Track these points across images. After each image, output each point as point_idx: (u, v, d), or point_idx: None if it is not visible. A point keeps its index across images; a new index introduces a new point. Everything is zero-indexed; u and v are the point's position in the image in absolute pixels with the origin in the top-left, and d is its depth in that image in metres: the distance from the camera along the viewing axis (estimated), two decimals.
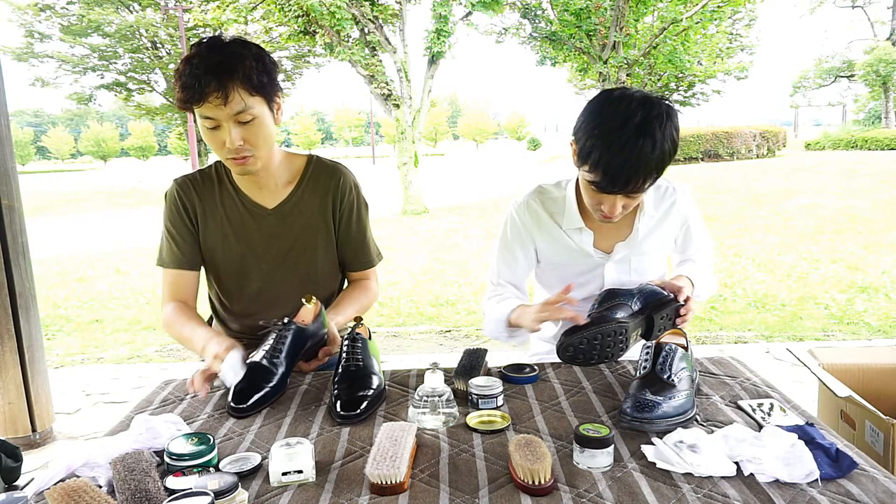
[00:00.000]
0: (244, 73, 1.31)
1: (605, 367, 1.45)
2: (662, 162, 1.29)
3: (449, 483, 0.96)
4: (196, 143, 22.62)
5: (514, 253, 1.61)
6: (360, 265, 1.65)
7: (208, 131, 1.36)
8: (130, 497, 0.86)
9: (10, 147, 2.70)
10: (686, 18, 13.48)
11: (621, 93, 1.33)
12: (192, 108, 1.34)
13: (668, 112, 1.29)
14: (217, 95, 1.29)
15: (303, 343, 1.36)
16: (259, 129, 1.37)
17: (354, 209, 1.61)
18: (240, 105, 1.32)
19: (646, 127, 1.26)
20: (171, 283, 1.55)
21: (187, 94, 1.31)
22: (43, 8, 22.52)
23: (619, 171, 1.28)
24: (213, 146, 1.39)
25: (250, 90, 1.33)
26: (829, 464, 0.96)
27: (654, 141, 1.26)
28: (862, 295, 4.99)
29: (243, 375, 1.28)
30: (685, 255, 1.68)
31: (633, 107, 1.28)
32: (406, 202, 12.07)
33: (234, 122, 1.33)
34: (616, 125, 1.27)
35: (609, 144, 1.27)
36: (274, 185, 1.54)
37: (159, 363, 4.20)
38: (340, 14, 10.82)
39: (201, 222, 1.54)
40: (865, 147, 21.67)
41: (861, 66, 30.13)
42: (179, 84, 1.32)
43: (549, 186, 1.60)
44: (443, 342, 4.45)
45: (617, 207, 1.37)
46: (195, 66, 1.30)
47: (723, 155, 20.33)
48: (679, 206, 1.56)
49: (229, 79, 1.30)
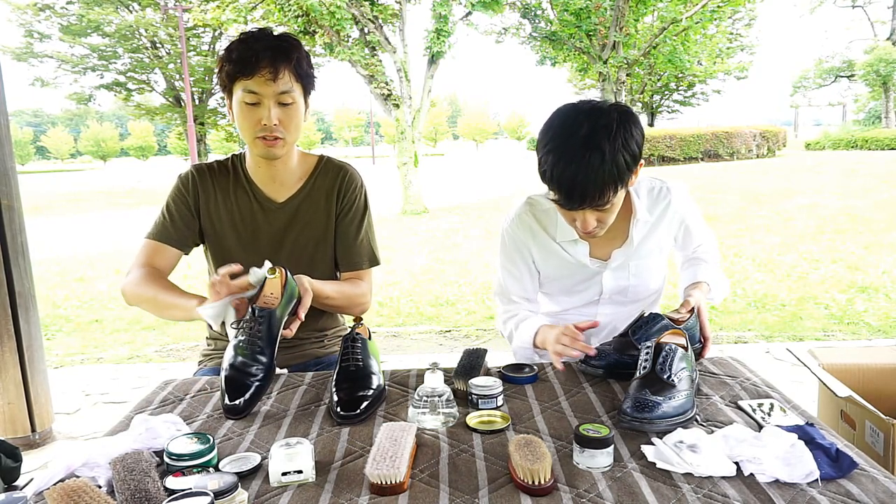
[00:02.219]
0: (297, 59, 1.42)
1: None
2: (618, 172, 1.25)
3: (449, 483, 0.96)
4: (196, 143, 22.61)
5: (517, 266, 1.60)
6: (348, 265, 1.64)
7: (246, 107, 1.42)
8: (130, 497, 0.86)
9: (9, 147, 2.70)
10: (686, 18, 13.50)
11: (571, 106, 1.31)
12: (234, 84, 1.41)
13: (619, 120, 1.26)
14: (270, 71, 1.38)
15: (278, 323, 1.29)
16: (295, 113, 1.45)
17: (354, 208, 1.62)
18: (286, 85, 1.41)
19: (592, 139, 1.23)
20: (151, 253, 1.53)
21: (239, 66, 1.39)
22: (42, 8, 22.53)
23: (572, 186, 1.26)
24: (246, 124, 1.44)
25: (297, 76, 1.43)
26: (829, 464, 0.96)
27: (603, 153, 1.23)
28: (862, 295, 4.99)
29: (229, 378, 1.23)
30: (688, 252, 1.67)
31: (580, 119, 1.26)
32: (406, 202, 12.06)
33: (275, 102, 1.42)
34: (563, 140, 1.26)
35: (558, 160, 1.25)
36: (287, 179, 1.58)
37: (159, 363, 4.20)
38: (340, 14, 10.82)
39: (203, 212, 1.56)
40: (865, 147, 21.67)
41: (861, 66, 30.14)
42: (231, 58, 1.40)
43: (539, 198, 1.57)
44: (443, 342, 4.45)
45: (589, 222, 1.34)
46: (252, 43, 1.39)
47: (723, 155, 20.33)
48: (674, 206, 1.54)
49: (284, 59, 1.40)
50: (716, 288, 1.57)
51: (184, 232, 1.56)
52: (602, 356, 1.37)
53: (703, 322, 1.45)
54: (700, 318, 1.45)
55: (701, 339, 1.45)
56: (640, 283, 1.58)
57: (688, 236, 1.62)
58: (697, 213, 1.64)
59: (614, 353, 1.37)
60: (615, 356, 1.36)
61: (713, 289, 1.56)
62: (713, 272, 1.59)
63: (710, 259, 1.64)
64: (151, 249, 1.54)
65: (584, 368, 1.38)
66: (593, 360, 1.37)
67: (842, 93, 39.72)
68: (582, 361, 1.39)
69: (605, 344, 1.40)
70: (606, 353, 1.37)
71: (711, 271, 1.59)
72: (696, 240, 1.64)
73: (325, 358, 1.70)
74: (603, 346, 1.40)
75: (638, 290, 1.60)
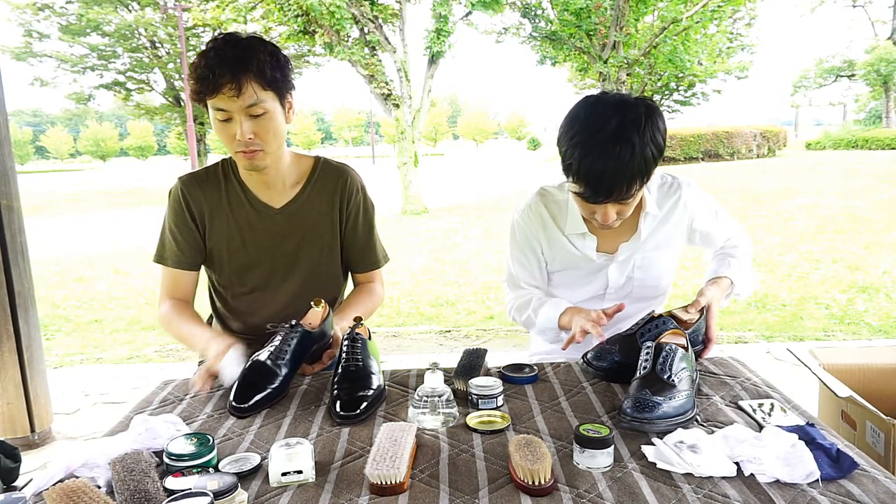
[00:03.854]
0: (258, 67, 1.34)
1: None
2: (645, 166, 1.27)
3: (449, 483, 0.96)
4: (195, 142, 22.60)
5: (526, 255, 1.60)
6: (365, 266, 1.66)
7: (220, 124, 1.38)
8: (130, 497, 0.86)
9: (8, 147, 2.70)
10: (686, 18, 13.48)
11: (596, 99, 1.31)
12: (205, 101, 1.37)
13: (647, 114, 1.26)
14: (231, 87, 1.31)
15: (308, 346, 1.37)
16: (270, 123, 1.39)
17: (361, 210, 1.62)
18: (252, 98, 1.34)
19: (622, 132, 1.23)
20: (171, 281, 1.56)
21: (201, 85, 1.34)
22: (41, 7, 22.50)
23: (600, 180, 1.26)
24: (223, 139, 1.40)
25: (263, 84, 1.35)
26: (829, 464, 0.96)
27: (633, 146, 1.23)
28: (862, 295, 4.99)
29: (246, 374, 1.28)
30: (716, 249, 1.65)
31: (608, 113, 1.26)
32: (406, 202, 12.06)
33: (245, 115, 1.35)
34: (592, 133, 1.25)
35: (586, 153, 1.25)
36: (282, 184, 1.54)
37: (159, 363, 4.20)
38: (340, 14, 10.81)
39: (208, 221, 1.54)
40: (866, 147, 21.67)
41: (862, 66, 30.14)
42: (195, 76, 1.35)
43: (551, 188, 1.58)
44: (443, 342, 4.45)
45: (610, 215, 1.35)
46: (210, 58, 1.33)
47: (723, 155, 20.32)
48: (684, 201, 1.52)
49: (243, 71, 1.32)
50: (741, 283, 1.55)
51: (193, 250, 1.55)
52: (605, 357, 1.36)
53: (710, 323, 1.44)
54: (708, 319, 1.43)
55: (704, 341, 1.44)
56: (647, 278, 1.56)
57: (708, 234, 1.60)
58: (718, 208, 1.61)
59: (619, 354, 1.35)
60: (619, 358, 1.34)
61: (738, 284, 1.54)
62: (740, 267, 1.56)
63: (738, 253, 1.61)
64: (171, 279, 1.55)
65: (587, 369, 1.38)
66: (596, 360, 1.36)
67: (842, 92, 39.85)
68: (586, 362, 1.38)
69: (611, 345, 1.38)
70: (611, 353, 1.36)
71: (737, 266, 1.56)
72: (720, 237, 1.62)
73: None
74: (608, 347, 1.38)
75: (644, 285, 1.58)
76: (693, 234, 1.59)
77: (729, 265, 1.56)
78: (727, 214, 1.64)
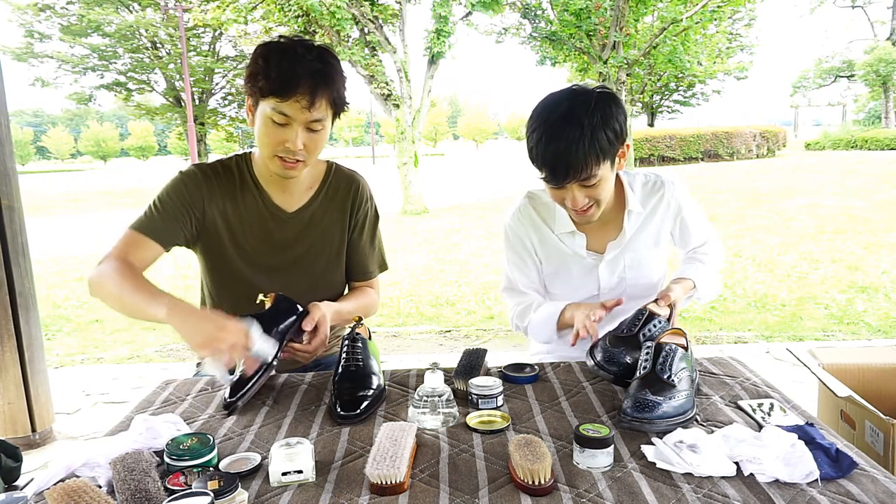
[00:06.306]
0: (337, 88, 1.34)
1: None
2: (598, 145, 1.32)
3: (449, 483, 0.96)
4: (196, 143, 22.62)
5: (523, 258, 1.63)
6: (359, 276, 1.66)
7: (273, 125, 1.33)
8: (130, 497, 0.86)
9: (9, 147, 2.70)
10: (686, 18, 13.48)
11: (556, 91, 1.39)
12: (265, 97, 1.31)
13: (598, 98, 1.34)
14: (306, 98, 1.29)
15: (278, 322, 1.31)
16: (321, 139, 1.39)
17: (368, 219, 1.62)
18: (320, 114, 1.33)
19: (571, 114, 1.32)
20: (129, 244, 1.41)
21: (275, 86, 1.29)
22: (43, 8, 22.53)
23: (555, 160, 1.33)
24: (267, 140, 1.36)
25: (333, 104, 1.36)
26: (829, 464, 0.96)
27: (581, 126, 1.30)
28: (862, 295, 4.99)
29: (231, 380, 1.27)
30: (688, 250, 1.67)
31: (561, 99, 1.35)
32: (406, 202, 12.06)
33: (304, 127, 1.34)
34: (545, 118, 1.34)
35: (541, 137, 1.34)
36: (297, 189, 1.53)
37: (159, 363, 4.20)
38: (340, 14, 10.81)
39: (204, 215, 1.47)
40: (865, 147, 21.68)
41: (861, 66, 30.15)
42: (268, 74, 1.29)
43: (538, 192, 1.62)
44: (443, 342, 4.45)
45: (578, 200, 1.39)
46: (293, 63, 1.29)
47: (723, 155, 20.34)
48: (668, 199, 1.56)
49: (324, 87, 1.31)
50: (703, 288, 1.57)
51: (171, 228, 1.44)
52: (614, 360, 1.33)
53: (672, 320, 1.44)
54: (671, 316, 1.44)
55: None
56: (638, 277, 1.59)
57: (685, 232, 1.63)
58: (699, 213, 1.64)
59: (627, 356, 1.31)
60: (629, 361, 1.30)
61: (700, 288, 1.56)
62: (705, 273, 1.60)
63: (707, 261, 1.64)
64: (130, 240, 1.40)
65: (597, 371, 1.33)
66: (607, 363, 1.34)
67: (842, 93, 39.77)
68: (597, 365, 1.34)
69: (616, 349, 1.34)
70: (619, 356, 1.32)
71: (704, 271, 1.59)
72: (695, 238, 1.64)
73: (325, 358, 1.69)
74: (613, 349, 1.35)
75: (636, 284, 1.60)
76: (673, 228, 1.62)
77: (696, 269, 1.59)
78: (707, 220, 1.68)
